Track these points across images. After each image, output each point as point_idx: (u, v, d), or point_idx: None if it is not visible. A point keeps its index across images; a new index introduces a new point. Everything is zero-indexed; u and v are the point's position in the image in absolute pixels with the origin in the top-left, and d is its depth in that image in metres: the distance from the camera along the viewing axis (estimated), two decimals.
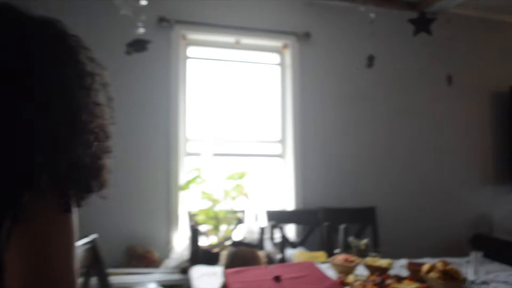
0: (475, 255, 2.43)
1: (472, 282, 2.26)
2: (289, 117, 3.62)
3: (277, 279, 1.22)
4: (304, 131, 3.57)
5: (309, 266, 1.40)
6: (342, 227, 2.59)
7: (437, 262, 2.06)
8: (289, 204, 3.54)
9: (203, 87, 3.55)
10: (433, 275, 2.12)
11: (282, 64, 3.74)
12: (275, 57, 3.76)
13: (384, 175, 3.69)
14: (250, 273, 1.32)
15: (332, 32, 3.71)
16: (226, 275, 1.32)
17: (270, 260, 2.65)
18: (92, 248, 1.61)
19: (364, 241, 2.30)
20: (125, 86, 3.16)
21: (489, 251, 3.05)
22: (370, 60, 3.23)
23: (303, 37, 3.64)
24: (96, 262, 1.62)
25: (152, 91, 3.29)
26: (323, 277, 1.27)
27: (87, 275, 1.62)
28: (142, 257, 3.03)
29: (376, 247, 3.08)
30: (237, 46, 3.63)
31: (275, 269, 1.29)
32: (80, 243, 1.55)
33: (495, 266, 2.70)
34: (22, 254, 0.64)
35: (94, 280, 1.65)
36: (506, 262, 2.83)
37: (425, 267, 2.16)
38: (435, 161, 3.86)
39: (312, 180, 3.52)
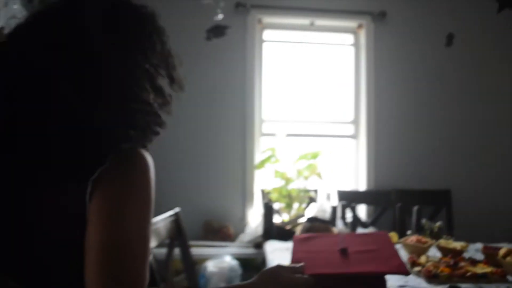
0: None
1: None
2: (363, 98, 3.62)
3: (343, 252, 1.11)
4: (378, 112, 3.55)
5: (382, 239, 1.22)
6: (415, 208, 2.59)
7: None
8: (361, 184, 3.58)
9: (278, 69, 3.65)
10: (510, 259, 2.09)
11: (356, 45, 3.73)
12: (350, 38, 3.75)
13: (460, 157, 3.58)
14: (317, 242, 1.22)
15: (408, 11, 3.61)
16: (294, 241, 1.25)
17: None
18: (175, 221, 1.68)
19: (438, 223, 2.30)
20: (205, 70, 3.33)
21: None
22: (449, 39, 3.13)
23: (379, 16, 3.59)
24: (179, 234, 1.69)
25: (230, 74, 3.44)
26: (393, 254, 1.11)
27: (170, 246, 1.69)
28: (218, 231, 3.23)
29: (450, 230, 3.04)
30: (311, 28, 3.66)
31: (344, 239, 1.18)
32: (165, 216, 1.65)
33: None
34: (98, 215, 0.68)
35: (177, 251, 1.72)
36: None
37: (502, 251, 2.12)
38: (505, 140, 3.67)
39: (385, 161, 3.52)
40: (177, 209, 1.74)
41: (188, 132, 3.30)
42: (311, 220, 1.95)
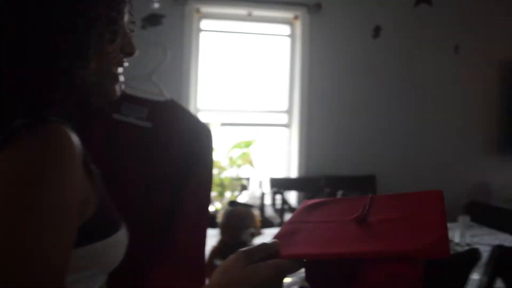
0: (462, 220, 2.58)
1: (457, 244, 2.43)
2: (297, 88, 3.75)
3: (360, 221, 0.72)
4: (311, 102, 3.70)
5: (430, 200, 0.76)
6: (340, 193, 2.75)
7: None
8: (293, 172, 3.73)
9: (215, 59, 3.71)
10: None
11: (292, 36, 3.84)
12: (286, 29, 3.86)
13: (386, 144, 3.80)
14: (330, 208, 0.81)
15: (343, 3, 3.75)
16: (298, 209, 0.86)
17: (269, 224, 2.85)
18: None
19: None
20: (140, 59, 3.32)
21: (484, 217, 3.19)
22: (376, 31, 3.30)
23: (314, 8, 3.71)
24: None
25: (166, 63, 3.45)
26: (432, 224, 0.69)
27: None
28: None
29: None
30: (249, 18, 3.73)
31: (373, 202, 0.79)
32: None
33: (483, 230, 2.84)
34: None
35: None
36: (500, 228, 2.96)
37: None
38: (440, 130, 3.93)
39: (316, 149, 3.68)
40: None
41: None
42: (232, 204, 1.97)
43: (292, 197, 3.65)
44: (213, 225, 2.30)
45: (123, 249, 0.77)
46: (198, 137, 1.06)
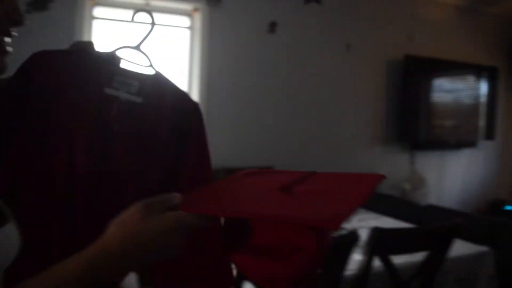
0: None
1: (343, 228, 2.60)
2: (196, 80, 3.73)
3: (285, 189, 0.70)
4: (209, 94, 3.70)
5: (363, 180, 0.77)
6: None
7: None
8: None
9: (110, 48, 3.54)
10: None
11: (192, 28, 3.81)
12: (186, 21, 3.82)
13: (284, 137, 3.94)
14: (262, 178, 0.82)
15: None
16: (229, 178, 0.84)
17: None
18: None
19: None
20: (26, 46, 3.09)
21: (371, 203, 3.45)
22: (272, 26, 3.40)
23: (213, 1, 3.70)
24: None
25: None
26: (345, 199, 0.67)
27: None
28: None
29: None
30: (147, 8, 3.62)
31: (309, 176, 0.80)
32: None
33: (369, 215, 3.08)
34: None
35: None
36: (385, 212, 3.22)
37: None
38: (334, 122, 4.18)
39: (216, 141, 3.68)
40: None
41: None
42: None
43: None
44: None
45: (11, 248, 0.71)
46: (188, 113, 1.00)
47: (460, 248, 2.28)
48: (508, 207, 4.96)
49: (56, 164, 0.82)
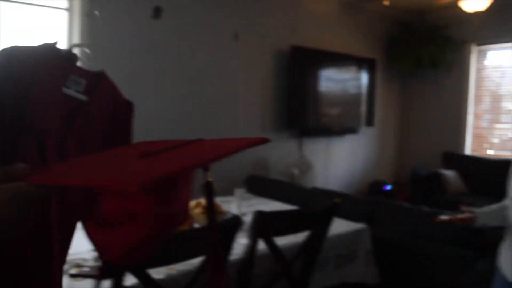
0: (238, 192, 2.80)
1: (233, 214, 2.62)
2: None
3: (146, 155, 0.67)
4: None
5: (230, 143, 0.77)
6: None
7: (202, 198, 2.32)
8: None
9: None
10: (197, 210, 2.40)
11: (70, 10, 3.54)
12: (64, 3, 3.53)
13: (175, 125, 3.87)
14: (126, 147, 0.85)
15: None
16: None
17: None
18: None
19: None
20: None
21: (261, 189, 3.53)
22: (157, 12, 3.27)
23: None
24: None
25: None
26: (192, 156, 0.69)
27: None
28: None
29: None
30: None
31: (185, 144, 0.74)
32: None
33: (259, 200, 3.15)
34: None
35: None
36: (274, 197, 3.31)
37: (192, 204, 2.42)
38: (224, 111, 4.20)
39: None
40: None
41: None
42: None
43: None
44: None
45: None
46: (124, 112, 1.05)
47: (340, 226, 2.42)
48: (387, 187, 5.42)
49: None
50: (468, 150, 5.70)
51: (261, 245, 1.88)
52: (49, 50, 0.95)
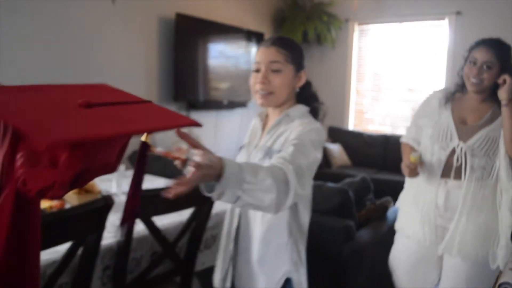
0: (118, 170, 2.56)
1: (114, 194, 2.39)
2: None
3: (88, 106, 0.71)
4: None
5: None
6: None
7: None
8: None
9: None
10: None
11: None
12: None
13: None
14: (48, 94, 0.78)
15: None
16: None
17: None
18: None
19: None
20: None
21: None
22: None
23: None
24: None
25: None
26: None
27: None
28: None
29: None
30: None
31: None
32: None
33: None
34: None
35: None
36: (159, 173, 3.11)
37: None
38: (101, 80, 3.81)
39: None
40: None
41: None
42: None
43: None
44: None
45: None
46: None
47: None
48: None
49: None
50: (351, 125, 6.02)
51: (140, 226, 1.71)
52: None
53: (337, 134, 5.74)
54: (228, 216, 1.50)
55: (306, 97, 1.50)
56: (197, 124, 0.79)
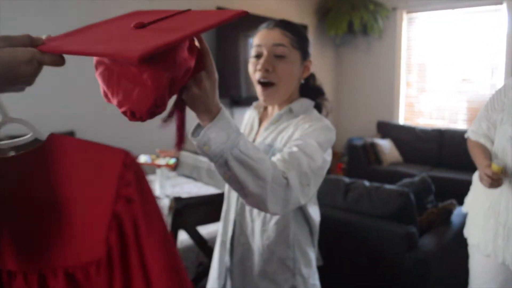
0: (161, 171, 2.45)
1: (157, 197, 2.28)
2: None
3: (140, 26, 0.71)
4: None
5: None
6: None
7: None
8: None
9: None
10: None
11: None
12: None
13: (82, 101, 3.38)
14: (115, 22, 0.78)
15: None
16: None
17: None
18: None
19: None
20: None
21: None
22: None
23: None
24: None
25: None
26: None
27: None
28: None
29: None
30: None
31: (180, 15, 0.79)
32: None
33: (184, 179, 2.82)
34: None
35: None
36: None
37: None
38: None
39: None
40: None
41: None
42: None
43: None
44: None
45: None
46: None
47: None
48: None
49: None
50: (401, 119, 5.70)
51: (184, 236, 1.57)
52: None
53: (387, 129, 5.44)
54: (222, 224, 1.29)
55: (311, 90, 1.30)
56: (243, 13, 0.74)
